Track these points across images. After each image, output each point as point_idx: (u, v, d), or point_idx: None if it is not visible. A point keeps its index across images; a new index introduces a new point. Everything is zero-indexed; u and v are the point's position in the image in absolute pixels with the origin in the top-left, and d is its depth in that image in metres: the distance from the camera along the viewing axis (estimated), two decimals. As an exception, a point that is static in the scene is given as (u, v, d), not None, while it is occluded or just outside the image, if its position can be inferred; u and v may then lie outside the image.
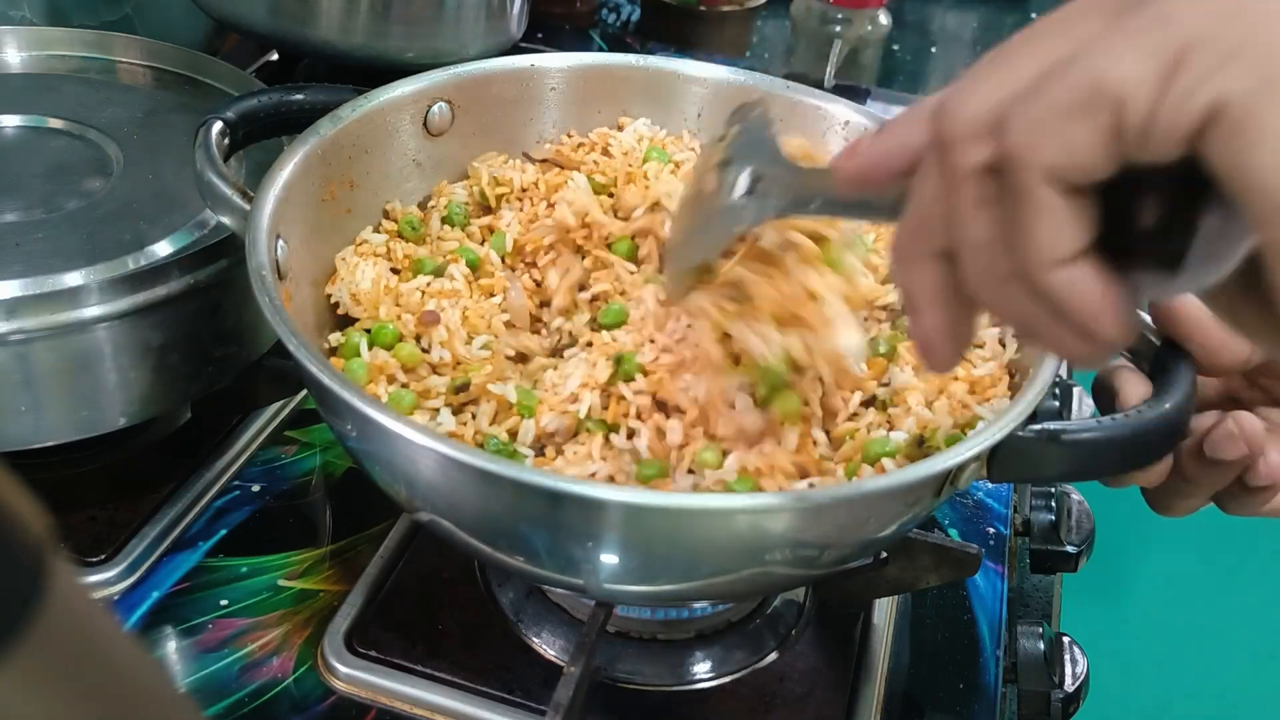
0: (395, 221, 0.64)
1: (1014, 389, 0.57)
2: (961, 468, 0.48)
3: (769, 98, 0.70)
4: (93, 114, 0.73)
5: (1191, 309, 0.51)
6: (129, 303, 0.60)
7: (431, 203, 0.66)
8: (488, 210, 0.67)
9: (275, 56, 1.04)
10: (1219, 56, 0.27)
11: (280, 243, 0.55)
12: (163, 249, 0.63)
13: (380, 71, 0.75)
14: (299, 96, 0.64)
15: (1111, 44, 0.28)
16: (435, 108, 0.67)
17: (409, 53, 0.85)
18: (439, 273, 0.61)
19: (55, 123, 0.72)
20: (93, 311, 0.59)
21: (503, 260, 0.64)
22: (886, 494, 0.47)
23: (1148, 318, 0.54)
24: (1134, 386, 0.52)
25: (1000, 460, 0.49)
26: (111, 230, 0.64)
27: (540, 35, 1.22)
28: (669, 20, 1.28)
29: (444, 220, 0.65)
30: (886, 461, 0.52)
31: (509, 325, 0.61)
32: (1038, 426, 0.49)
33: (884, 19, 1.20)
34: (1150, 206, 0.31)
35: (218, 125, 0.60)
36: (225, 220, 0.57)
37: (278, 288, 0.52)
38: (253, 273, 0.51)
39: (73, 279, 0.60)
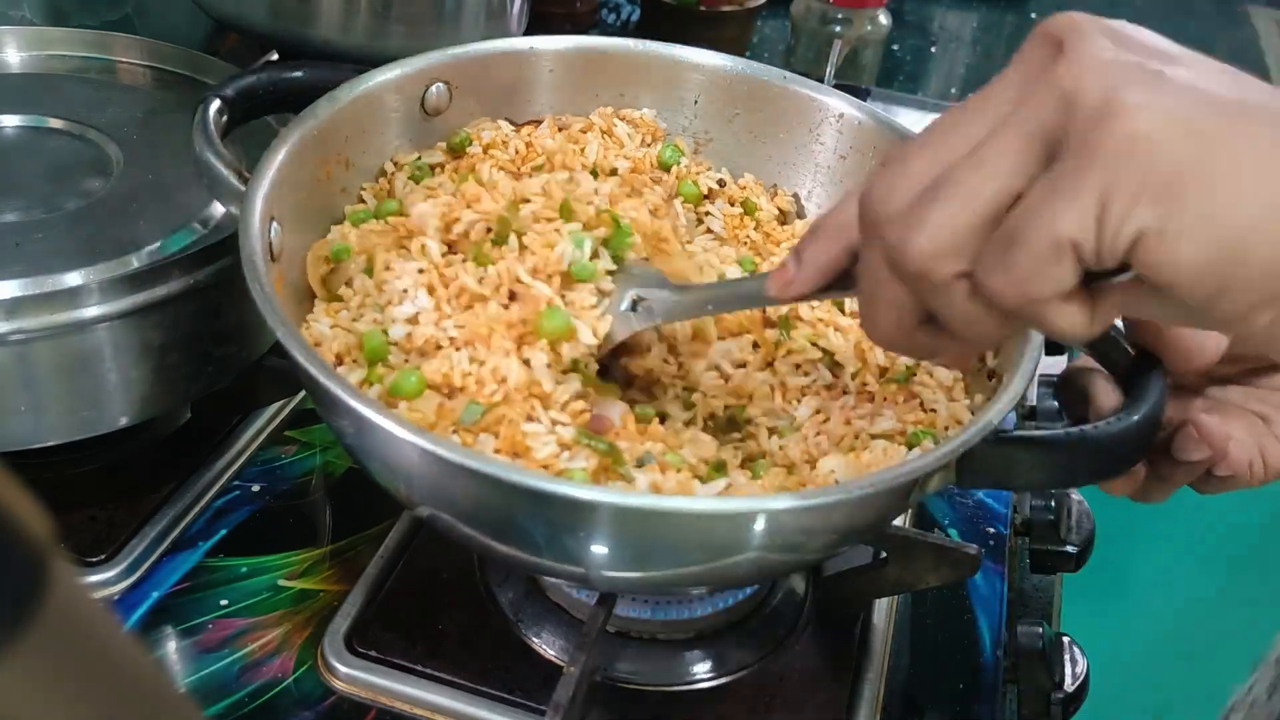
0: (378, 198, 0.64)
1: (989, 396, 0.57)
2: (929, 475, 0.49)
3: (766, 87, 0.70)
4: (93, 114, 0.73)
5: None
6: (129, 303, 0.59)
7: (391, 171, 0.66)
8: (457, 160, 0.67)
9: (275, 56, 1.04)
10: (1129, 200, 0.35)
11: (274, 225, 0.55)
12: (163, 249, 0.63)
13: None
14: (297, 74, 0.63)
15: (1052, 202, 0.37)
16: (433, 88, 0.67)
17: (409, 53, 0.85)
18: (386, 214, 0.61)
19: (55, 123, 0.72)
20: (93, 311, 0.59)
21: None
22: (856, 502, 0.47)
23: (1120, 324, 0.55)
24: (1107, 395, 0.53)
25: (969, 467, 0.50)
26: (111, 230, 0.64)
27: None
28: (669, 20, 1.28)
29: (410, 178, 0.65)
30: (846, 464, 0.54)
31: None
32: (1008, 434, 0.49)
33: (884, 19, 1.20)
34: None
35: (215, 104, 0.59)
36: (220, 202, 0.56)
37: (271, 271, 0.52)
38: (245, 260, 0.51)
39: (73, 279, 0.60)
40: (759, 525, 0.47)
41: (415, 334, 0.54)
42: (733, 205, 0.69)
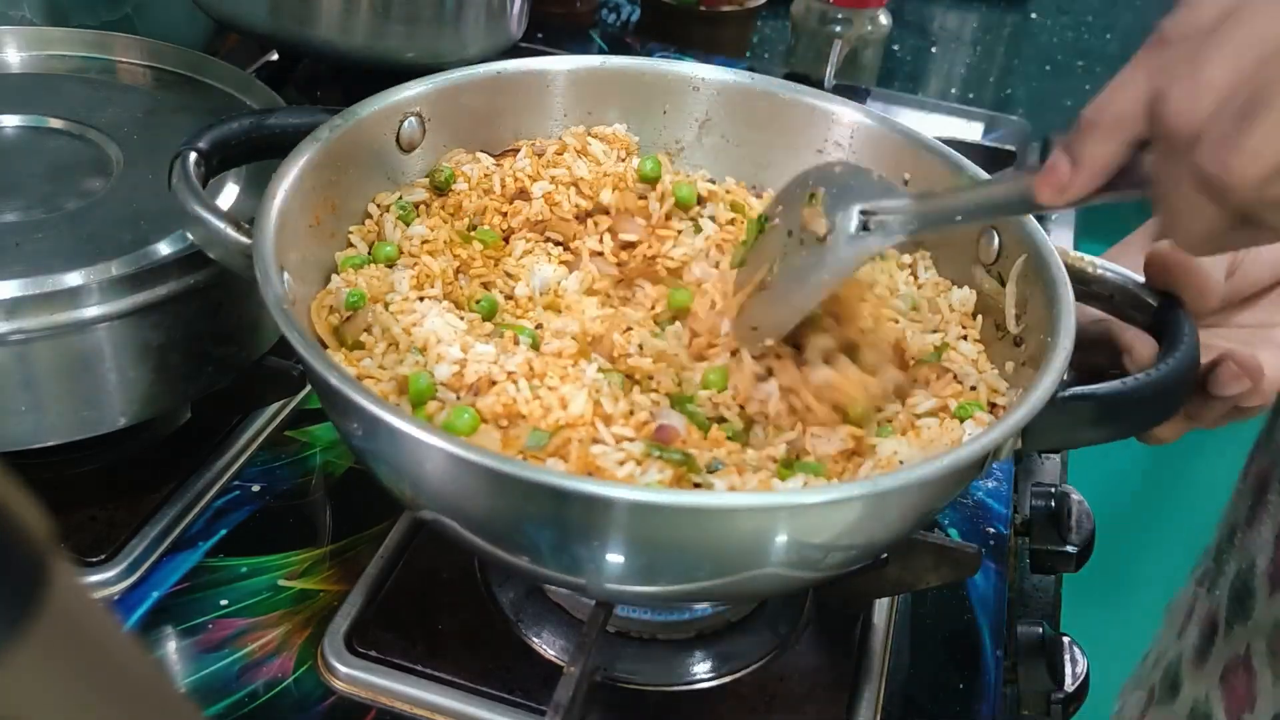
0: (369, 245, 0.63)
1: (1024, 360, 0.57)
2: (1004, 443, 0.49)
3: (733, 89, 0.70)
4: (93, 114, 0.73)
5: (1180, 259, 0.55)
6: (129, 303, 0.60)
7: (377, 214, 0.65)
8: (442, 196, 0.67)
9: (275, 56, 1.04)
10: None
11: (285, 274, 0.54)
12: (163, 249, 0.63)
13: (380, 72, 0.75)
14: (270, 121, 0.62)
15: None
16: (406, 123, 0.66)
17: (409, 53, 0.85)
18: (390, 262, 0.61)
19: (55, 123, 0.72)
20: (93, 311, 0.59)
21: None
22: (934, 480, 0.47)
23: (1140, 277, 0.56)
24: (1144, 342, 0.54)
25: (1035, 431, 0.50)
26: (111, 230, 0.64)
27: (540, 35, 1.22)
28: (669, 20, 1.28)
29: (399, 219, 0.64)
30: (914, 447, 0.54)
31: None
32: (1067, 393, 0.50)
33: (884, 19, 1.20)
34: None
35: (192, 157, 0.58)
36: (218, 258, 0.56)
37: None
38: (273, 307, 0.50)
39: (73, 279, 0.60)
40: (867, 509, 0.48)
41: (466, 372, 0.53)
42: (718, 207, 0.68)
